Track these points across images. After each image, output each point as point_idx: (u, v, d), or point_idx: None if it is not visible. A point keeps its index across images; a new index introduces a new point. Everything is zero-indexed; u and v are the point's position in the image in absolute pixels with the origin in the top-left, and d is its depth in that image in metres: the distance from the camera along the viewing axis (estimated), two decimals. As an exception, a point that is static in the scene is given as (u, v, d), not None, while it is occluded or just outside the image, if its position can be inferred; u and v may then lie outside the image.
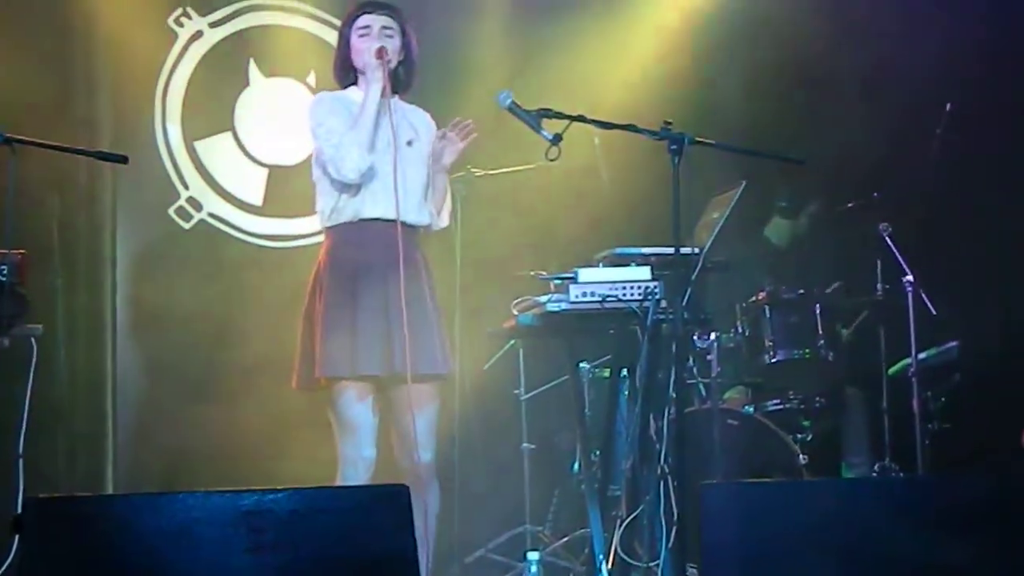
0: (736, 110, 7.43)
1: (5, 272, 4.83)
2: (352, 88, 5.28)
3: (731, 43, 7.62)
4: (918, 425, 6.53)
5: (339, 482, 5.07)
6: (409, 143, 5.22)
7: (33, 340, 5.10)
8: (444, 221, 5.39)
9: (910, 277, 6.54)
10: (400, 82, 5.26)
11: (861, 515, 4.30)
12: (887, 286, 6.72)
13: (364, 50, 5.16)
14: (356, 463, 5.04)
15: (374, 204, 5.13)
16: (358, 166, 5.04)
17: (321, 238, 5.35)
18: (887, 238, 6.65)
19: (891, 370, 6.79)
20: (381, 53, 5.08)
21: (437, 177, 5.30)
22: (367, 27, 5.20)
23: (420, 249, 5.26)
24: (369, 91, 5.10)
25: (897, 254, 6.62)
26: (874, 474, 6.62)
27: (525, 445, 6.82)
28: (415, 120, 5.34)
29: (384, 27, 5.20)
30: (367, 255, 5.10)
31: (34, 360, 5.08)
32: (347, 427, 5.07)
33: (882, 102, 7.41)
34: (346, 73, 5.29)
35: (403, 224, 5.10)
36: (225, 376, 6.87)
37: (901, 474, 6.54)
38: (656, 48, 7.62)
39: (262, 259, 7.25)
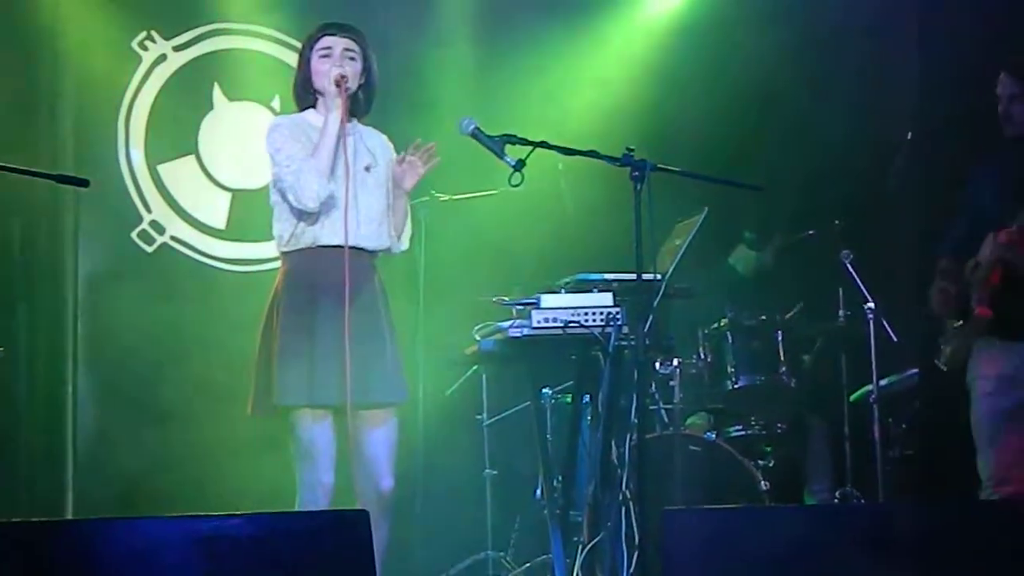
0: (699, 136, 7.47)
1: (-35, 296, 4.81)
2: (310, 111, 5.22)
3: (695, 70, 7.66)
4: (879, 451, 6.56)
5: (298, 508, 5.00)
6: (367, 168, 5.18)
7: (-7, 363, 5.08)
8: (404, 244, 5.34)
9: (871, 304, 6.57)
10: (359, 106, 5.21)
11: (824, 542, 4.31)
12: (849, 313, 6.75)
13: (324, 72, 5.11)
14: (315, 488, 4.98)
15: (332, 231, 5.07)
16: (318, 194, 4.99)
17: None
18: (848, 265, 6.68)
19: (852, 397, 6.82)
20: (340, 80, 5.04)
21: (398, 201, 5.25)
22: (328, 48, 5.14)
23: (378, 274, 5.22)
24: (328, 118, 5.04)
25: (858, 281, 6.65)
26: (836, 500, 6.64)
27: (487, 471, 6.82)
28: (373, 144, 5.28)
29: (346, 49, 5.14)
30: (324, 282, 5.04)
31: (-6, 383, 5.06)
32: (305, 453, 5.01)
33: (844, 131, 7.46)
34: (306, 94, 5.22)
35: (360, 250, 5.09)
36: (187, 400, 6.85)
37: (862, 500, 6.56)
38: (620, 74, 7.67)
39: (225, 283, 7.24)
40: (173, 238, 7.26)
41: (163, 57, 7.29)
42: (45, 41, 6.92)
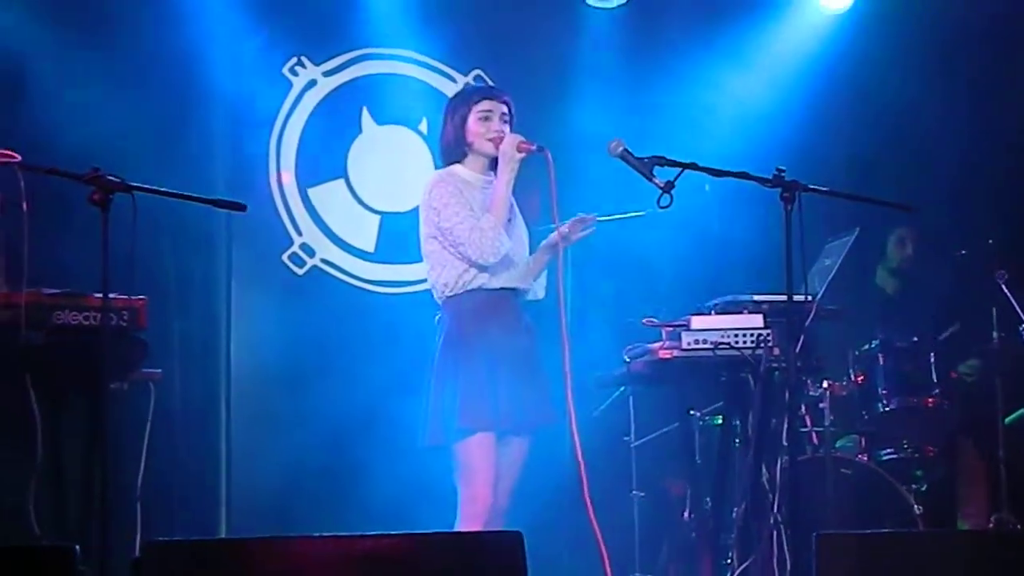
0: (848, 155, 7.41)
1: (126, 318, 4.90)
2: (458, 166, 5.42)
3: (842, 89, 7.60)
4: (1035, 475, 6.43)
5: (459, 522, 5.22)
6: (509, 220, 5.38)
7: (151, 384, 5.17)
8: (540, 293, 5.60)
9: (1027, 325, 6.46)
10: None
11: (979, 569, 4.24)
12: (1003, 334, 6.63)
13: (482, 134, 5.34)
14: (475, 502, 5.21)
15: (497, 276, 5.33)
16: (499, 250, 5.24)
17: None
18: (1003, 285, 6.56)
19: (1008, 419, 6.69)
20: (526, 148, 5.25)
21: (547, 255, 5.49)
22: (488, 112, 5.37)
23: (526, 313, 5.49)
24: (504, 178, 5.27)
25: (1013, 302, 6.52)
26: (990, 526, 6.51)
27: (635, 492, 6.79)
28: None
29: (503, 114, 5.39)
30: (495, 320, 5.30)
31: (152, 404, 5.14)
32: (475, 473, 5.22)
33: (999, 148, 7.35)
34: (457, 149, 5.43)
35: (514, 291, 5.40)
36: (337, 421, 6.92)
37: (1019, 526, 6.43)
38: (768, 93, 7.60)
39: (374, 304, 7.32)
40: (323, 260, 7.36)
41: (313, 82, 7.41)
42: (198, 68, 7.05)
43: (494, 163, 5.34)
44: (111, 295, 4.54)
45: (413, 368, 5.55)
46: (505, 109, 5.39)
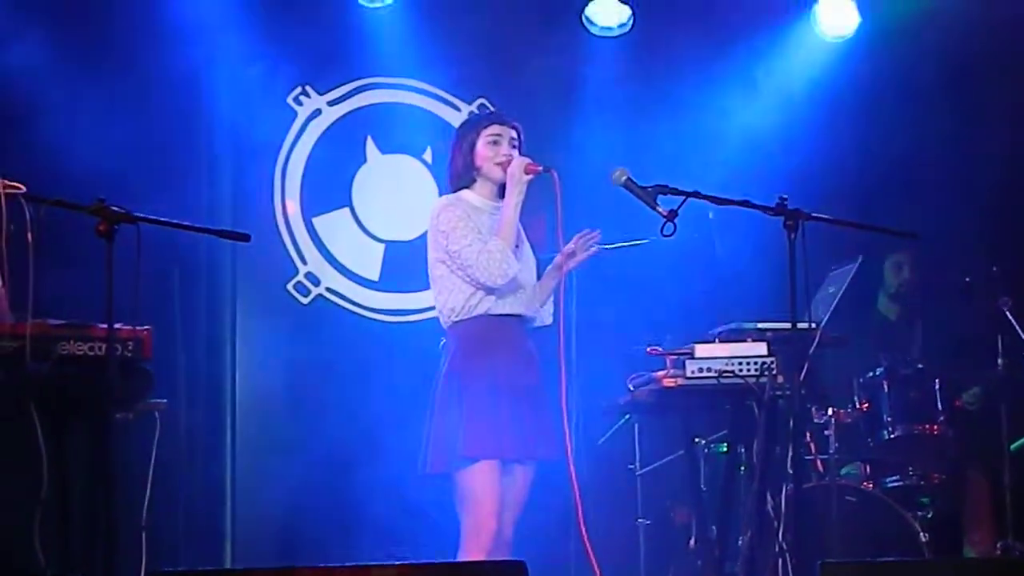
0: (851, 182, 7.42)
1: (131, 348, 4.90)
2: (466, 191, 5.43)
3: (846, 117, 7.61)
4: (1042, 503, 6.42)
5: (463, 551, 5.19)
6: (516, 246, 5.38)
7: (157, 414, 5.17)
8: (548, 319, 5.58)
9: (1032, 352, 6.45)
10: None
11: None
12: (1007, 361, 6.62)
13: (491, 158, 5.35)
14: (480, 532, 5.18)
15: (503, 301, 5.33)
16: (507, 273, 5.23)
17: (436, 314, 5.42)
18: (1007, 312, 6.55)
19: (1013, 446, 6.67)
20: (533, 169, 5.27)
21: (552, 281, 5.50)
22: (498, 136, 5.40)
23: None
24: (511, 200, 5.28)
25: (1018, 328, 6.52)
26: (997, 552, 6.50)
27: (640, 520, 6.79)
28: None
29: (512, 138, 5.41)
30: (501, 346, 5.29)
31: (157, 434, 5.14)
32: (480, 501, 5.20)
33: (1000, 175, 7.36)
34: (466, 175, 5.44)
35: (521, 317, 5.38)
36: (343, 449, 6.93)
37: (1025, 553, 6.42)
38: (770, 121, 7.61)
39: (379, 333, 7.33)
40: (328, 289, 7.37)
41: (318, 111, 7.43)
42: (204, 98, 7.07)
43: (503, 190, 5.36)
44: (116, 325, 4.56)
45: (418, 397, 5.55)
46: (514, 134, 5.42)
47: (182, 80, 6.98)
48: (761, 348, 5.26)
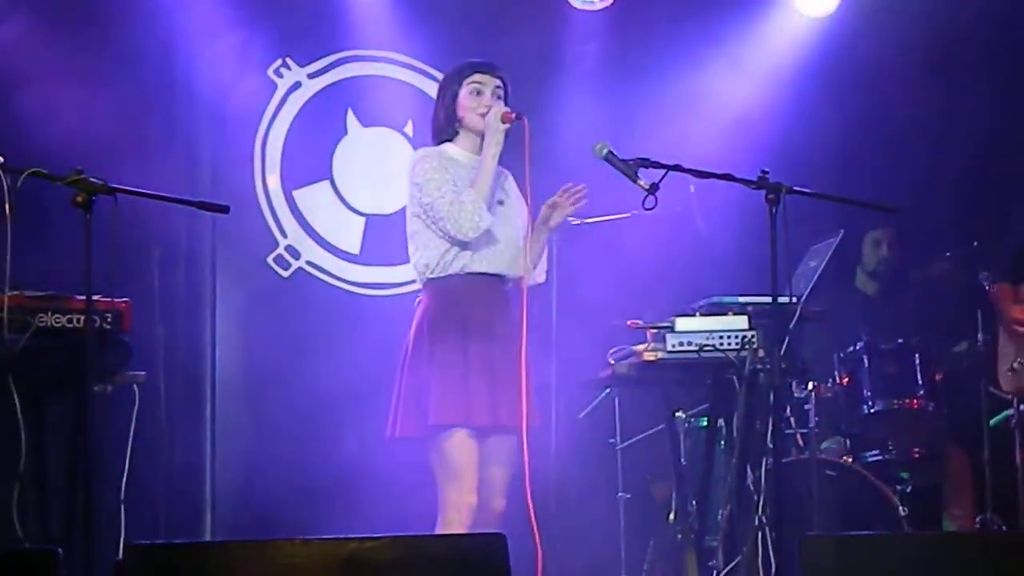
0: (834, 156, 7.41)
1: (110, 320, 4.88)
2: (448, 144, 5.33)
3: (829, 90, 7.60)
4: (1020, 477, 6.44)
5: (441, 526, 5.12)
6: (500, 202, 5.29)
7: (136, 387, 5.15)
8: (540, 278, 5.46)
9: (1012, 327, 6.46)
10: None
11: (965, 570, 4.24)
12: (987, 336, 6.64)
13: (473, 109, 5.23)
14: (459, 508, 5.10)
15: (480, 259, 5.21)
16: (479, 225, 5.11)
17: (418, 286, 5.38)
18: (987, 287, 6.57)
19: (992, 421, 6.69)
20: (509, 117, 5.15)
21: (540, 236, 5.34)
22: (479, 84, 5.27)
23: (513, 302, 5.31)
24: (490, 152, 5.16)
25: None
26: (976, 527, 6.52)
27: (621, 494, 6.80)
28: (503, 180, 5.40)
29: (496, 87, 5.28)
30: (475, 308, 5.18)
31: (136, 407, 5.12)
32: (453, 473, 5.12)
33: (977, 149, 7.37)
34: (448, 127, 5.33)
35: (501, 277, 5.25)
36: (322, 422, 6.92)
37: (1004, 527, 6.44)
38: (752, 96, 7.60)
39: (360, 306, 7.31)
40: (308, 263, 7.35)
41: (298, 84, 7.40)
42: (183, 71, 7.04)
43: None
44: (94, 297, 4.54)
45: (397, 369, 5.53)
46: (498, 83, 5.29)
47: (161, 52, 6.95)
48: (742, 322, 5.25)
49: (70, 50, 6.61)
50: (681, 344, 5.24)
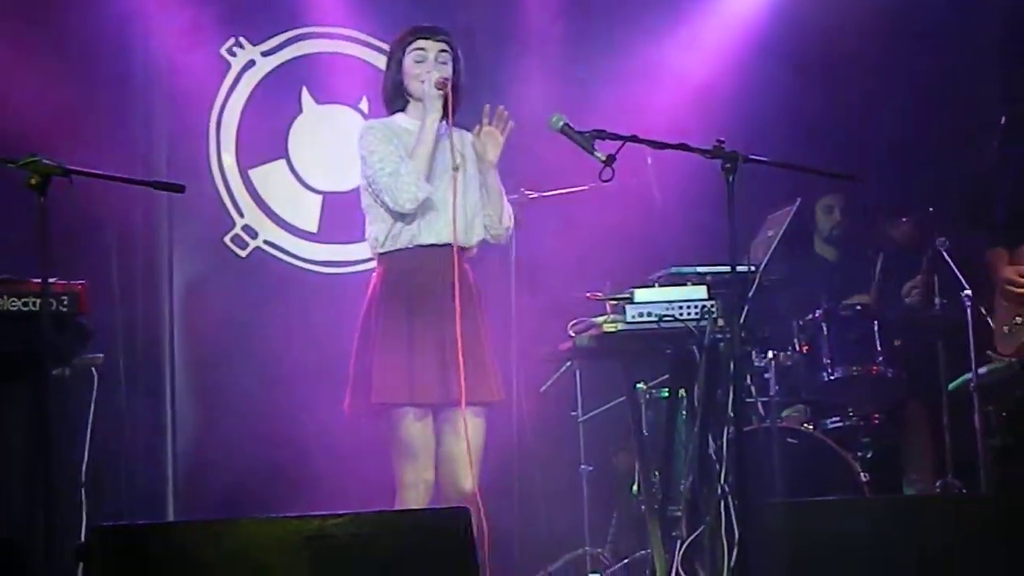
0: (789, 124, 7.43)
1: (66, 303, 4.86)
2: (400, 115, 5.27)
3: (781, 58, 7.61)
4: (980, 441, 6.48)
5: (399, 506, 5.05)
6: (456, 168, 5.19)
7: (94, 369, 5.13)
8: (506, 222, 5.33)
9: (968, 292, 6.49)
10: (447, 108, 5.20)
11: (926, 533, 4.28)
12: (945, 301, 6.67)
13: (418, 76, 5.16)
14: (417, 486, 5.03)
15: (429, 230, 5.14)
16: (416, 196, 5.03)
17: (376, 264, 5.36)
18: (944, 253, 6.59)
19: (951, 385, 6.73)
20: (443, 84, 5.08)
21: (488, 178, 5.24)
22: (422, 50, 5.18)
23: (472, 272, 5.26)
24: (427, 120, 5.09)
25: (955, 268, 6.56)
26: (936, 490, 6.57)
27: (583, 467, 6.82)
28: (462, 145, 5.30)
29: (441, 51, 5.19)
30: (423, 281, 5.10)
31: (95, 389, 5.10)
32: (407, 451, 5.05)
33: (936, 113, 7.40)
34: (397, 98, 5.26)
35: (459, 249, 5.14)
36: (283, 402, 6.90)
37: (964, 491, 6.49)
38: (707, 66, 7.61)
39: (318, 285, 7.29)
40: (266, 242, 7.32)
41: (252, 63, 7.36)
42: (137, 51, 6.99)
43: (444, 110, 5.14)
44: (50, 280, 4.51)
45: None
46: (442, 47, 5.18)
47: (114, 33, 6.89)
48: (701, 292, 5.26)
49: (20, 31, 6.55)
50: (641, 315, 5.24)
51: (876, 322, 6.61)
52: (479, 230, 5.27)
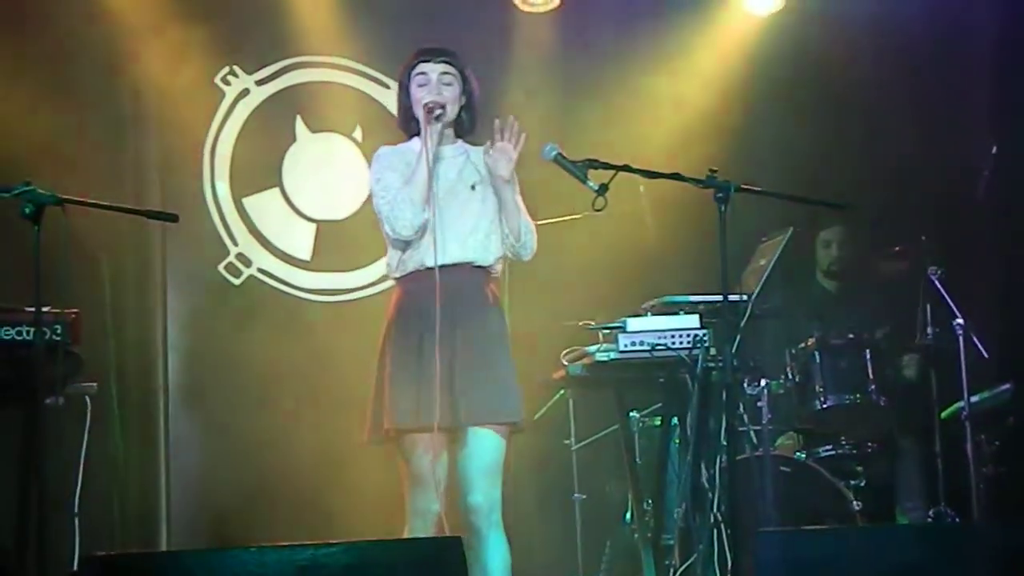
0: (781, 155, 7.45)
1: (59, 331, 4.86)
2: (415, 139, 5.11)
3: (774, 89, 7.64)
4: (972, 469, 6.48)
5: (407, 534, 4.93)
6: (473, 187, 5.09)
7: (87, 398, 5.13)
8: (527, 241, 5.14)
9: (961, 320, 6.50)
10: (463, 126, 5.14)
11: (918, 562, 4.28)
12: (937, 330, 6.68)
13: (421, 100, 5.06)
14: (424, 516, 4.90)
15: (439, 251, 4.95)
16: (412, 223, 4.95)
17: (370, 292, 5.37)
18: (936, 281, 6.61)
19: (943, 414, 6.74)
20: (430, 109, 5.00)
21: (503, 192, 5.08)
22: (424, 75, 5.09)
23: (491, 291, 5.12)
24: (423, 145, 4.99)
25: (947, 297, 6.58)
26: (929, 519, 6.57)
27: (576, 495, 6.81)
28: (479, 161, 5.17)
29: (443, 73, 5.09)
30: (430, 303, 4.89)
31: (88, 418, 5.10)
32: (415, 479, 4.93)
33: (929, 146, 7.43)
34: (409, 123, 5.15)
35: (470, 265, 5.02)
36: (277, 430, 6.90)
37: (956, 519, 6.49)
38: (699, 96, 7.63)
39: (312, 313, 7.29)
40: (260, 270, 7.33)
41: (246, 91, 7.38)
42: (131, 80, 7.02)
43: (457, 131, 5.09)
44: (43, 309, 4.51)
45: (350, 375, 5.52)
46: (444, 68, 5.08)
47: (110, 63, 6.93)
48: (693, 320, 5.28)
49: (15, 61, 6.58)
50: (633, 344, 5.25)
51: (868, 351, 6.62)
52: (496, 248, 5.13)
